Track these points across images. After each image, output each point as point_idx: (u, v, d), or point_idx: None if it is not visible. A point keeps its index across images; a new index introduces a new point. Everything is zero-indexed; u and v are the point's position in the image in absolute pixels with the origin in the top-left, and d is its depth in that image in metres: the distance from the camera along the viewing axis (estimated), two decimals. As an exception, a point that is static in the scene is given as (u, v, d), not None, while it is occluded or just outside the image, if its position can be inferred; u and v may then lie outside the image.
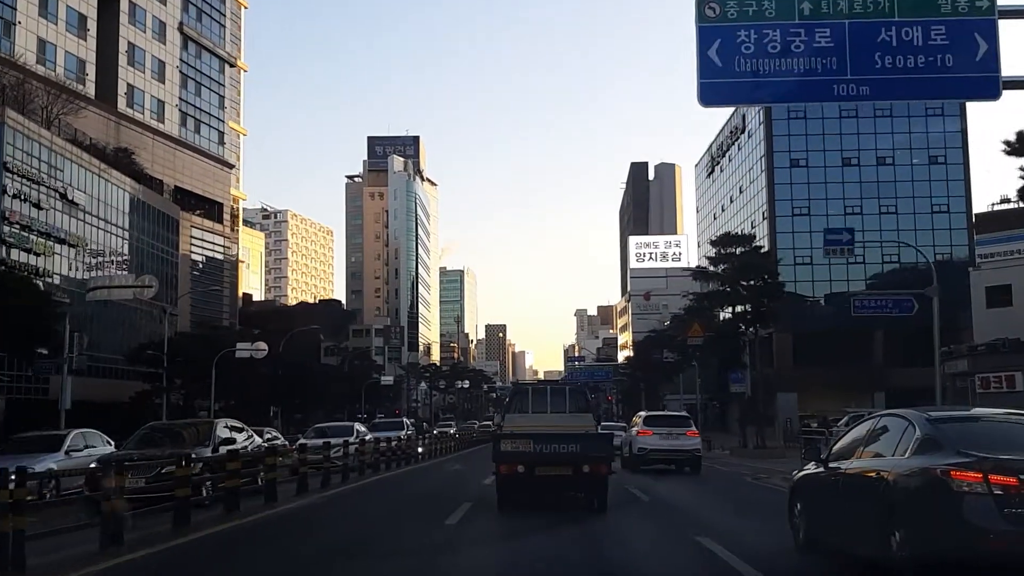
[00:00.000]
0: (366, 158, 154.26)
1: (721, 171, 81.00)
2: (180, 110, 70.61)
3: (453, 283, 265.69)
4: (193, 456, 13.42)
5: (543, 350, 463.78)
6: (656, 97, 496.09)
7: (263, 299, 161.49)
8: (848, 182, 66.74)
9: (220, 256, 73.88)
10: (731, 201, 76.45)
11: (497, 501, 13.86)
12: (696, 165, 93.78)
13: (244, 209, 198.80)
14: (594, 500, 13.54)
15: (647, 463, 24.18)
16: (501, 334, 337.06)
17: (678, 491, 18.35)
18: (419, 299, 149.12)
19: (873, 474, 7.59)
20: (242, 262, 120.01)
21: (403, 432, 33.52)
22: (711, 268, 46.35)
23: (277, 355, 66.96)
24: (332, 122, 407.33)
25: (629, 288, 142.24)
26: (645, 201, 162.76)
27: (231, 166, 78.11)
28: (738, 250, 45.47)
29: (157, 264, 64.08)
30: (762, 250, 46.75)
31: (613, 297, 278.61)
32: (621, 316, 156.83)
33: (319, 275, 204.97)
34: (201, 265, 71.53)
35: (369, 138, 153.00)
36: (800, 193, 65.88)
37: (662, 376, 73.74)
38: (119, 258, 58.42)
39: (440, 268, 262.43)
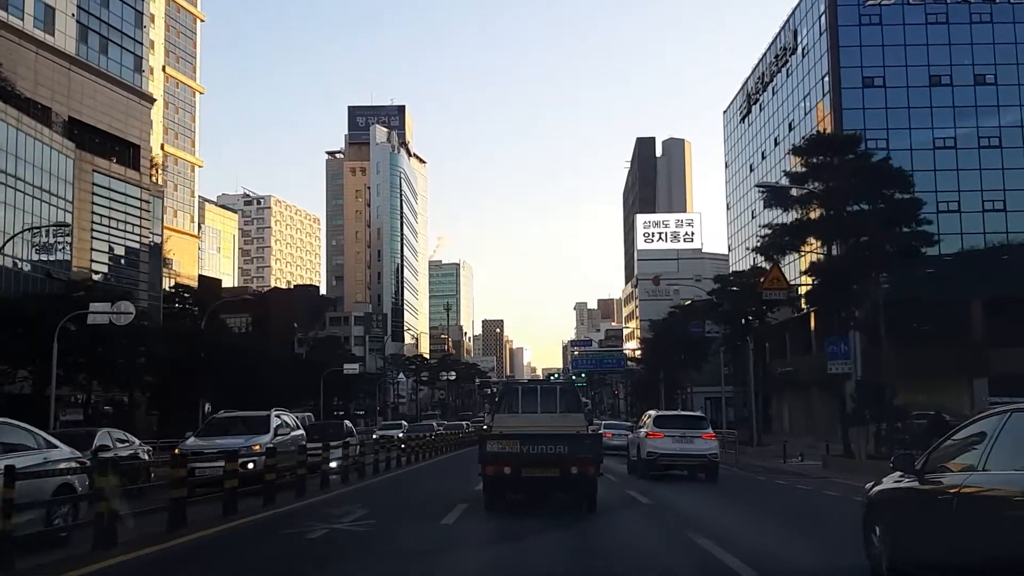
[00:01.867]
0: (347, 131, 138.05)
1: (761, 109, 64.43)
2: (79, 22, 54.13)
3: (448, 276, 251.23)
4: None
5: (541, 347, 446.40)
6: (663, 72, 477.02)
7: (236, 285, 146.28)
8: (938, 107, 50.28)
9: (136, 212, 57.43)
10: (776, 144, 60.00)
11: (485, 503, 13.53)
12: (724, 112, 77.10)
13: (225, 194, 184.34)
14: (583, 502, 13.24)
15: (657, 469, 21.31)
16: (498, 330, 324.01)
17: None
18: (405, 284, 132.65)
19: (1018, 494, 5.07)
20: (195, 237, 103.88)
21: (264, 440, 17.15)
22: (793, 191, 30.04)
23: (199, 335, 51.61)
24: (314, 96, 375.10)
25: (636, 272, 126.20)
26: (652, 180, 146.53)
27: (151, 100, 61.64)
28: (835, 160, 29.24)
29: (41, 215, 47.87)
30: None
31: (614, 291, 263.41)
32: (627, 304, 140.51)
33: (305, 265, 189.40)
34: (108, 221, 55.09)
35: (350, 108, 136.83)
36: (876, 121, 49.17)
37: (690, 360, 57.49)
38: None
39: (436, 262, 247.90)
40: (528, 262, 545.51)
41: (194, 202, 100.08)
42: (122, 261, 56.31)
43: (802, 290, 41.02)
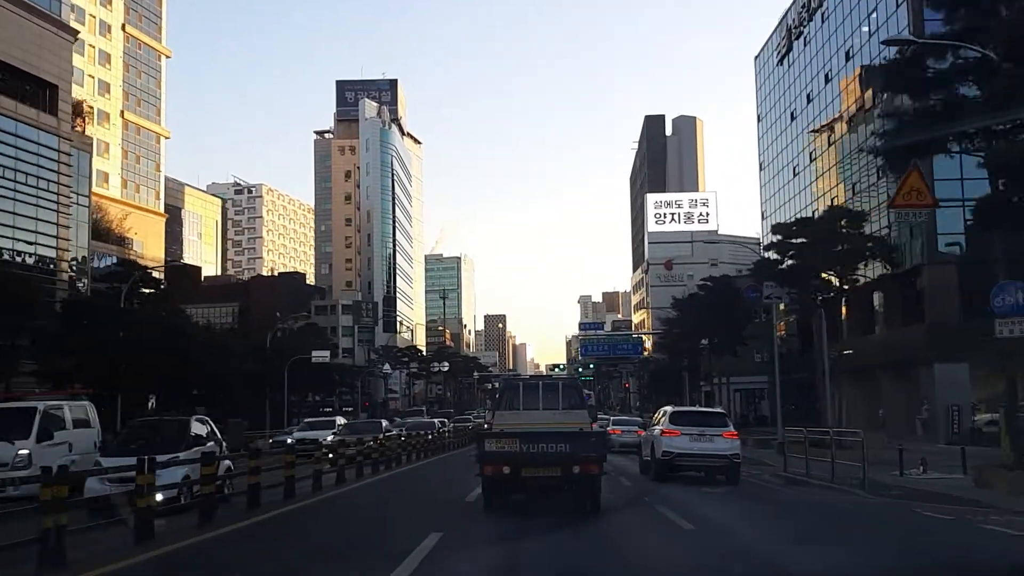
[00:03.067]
0: (336, 108, 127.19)
1: (805, 44, 53.26)
2: (-29, -72, 43.41)
3: (449, 270, 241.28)
4: None
5: (545, 342, 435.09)
6: (673, 48, 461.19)
7: (219, 274, 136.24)
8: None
9: (52, 166, 46.68)
10: (827, 80, 48.97)
11: (484, 503, 12.50)
12: (756, 57, 65.74)
13: (215, 183, 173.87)
14: (587, 503, 12.35)
15: (673, 470, 19.04)
16: (501, 325, 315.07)
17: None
18: (398, 271, 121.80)
19: None
20: (160, 215, 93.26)
21: None
22: (927, 68, 19.29)
23: (119, 316, 41.43)
24: (304, 75, 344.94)
25: (647, 256, 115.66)
26: (662, 160, 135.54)
27: (73, 32, 50.65)
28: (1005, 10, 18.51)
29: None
30: None
31: (620, 285, 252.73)
32: (635, 292, 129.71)
33: (299, 256, 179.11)
34: (14, 175, 44.35)
35: (338, 82, 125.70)
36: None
37: (725, 341, 46.83)
38: None
39: (436, 255, 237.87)
40: (530, 256, 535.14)
41: (160, 176, 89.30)
42: (34, 224, 45.58)
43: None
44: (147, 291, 53.02)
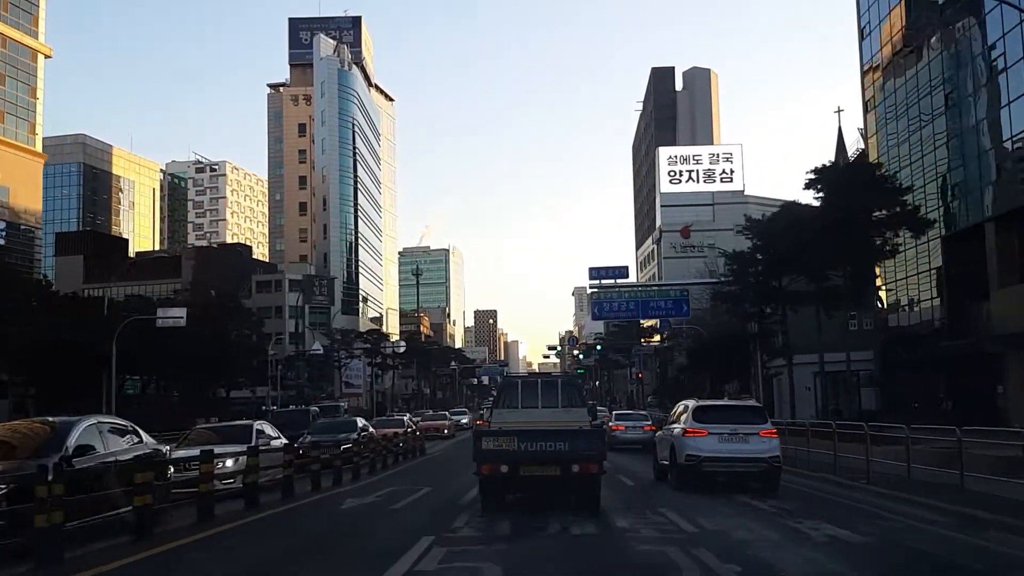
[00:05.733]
0: (288, 51, 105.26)
1: None
2: None
3: (437, 263, 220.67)
4: None
5: (538, 340, 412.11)
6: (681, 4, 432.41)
7: (155, 249, 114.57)
8: None
9: None
10: None
11: (481, 503, 12.36)
12: None
13: (174, 161, 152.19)
14: (586, 503, 11.94)
15: (700, 477, 15.03)
16: (491, 320, 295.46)
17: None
18: (360, 242, 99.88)
19: None
20: (37, 156, 71.27)
21: None
22: None
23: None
24: (260, 24, 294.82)
25: (659, 222, 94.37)
26: (671, 118, 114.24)
27: None
28: None
29: None
30: None
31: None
32: (644, 268, 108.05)
33: (267, 241, 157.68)
34: None
35: (291, 20, 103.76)
36: None
37: (862, 283, 25.26)
38: None
39: (423, 248, 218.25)
40: (524, 255, 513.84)
41: (36, 105, 67.18)
42: None
43: None
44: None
